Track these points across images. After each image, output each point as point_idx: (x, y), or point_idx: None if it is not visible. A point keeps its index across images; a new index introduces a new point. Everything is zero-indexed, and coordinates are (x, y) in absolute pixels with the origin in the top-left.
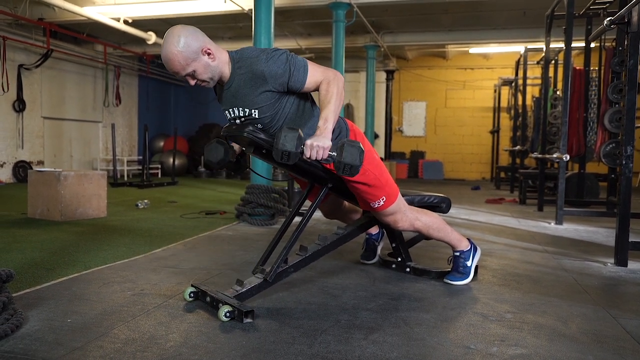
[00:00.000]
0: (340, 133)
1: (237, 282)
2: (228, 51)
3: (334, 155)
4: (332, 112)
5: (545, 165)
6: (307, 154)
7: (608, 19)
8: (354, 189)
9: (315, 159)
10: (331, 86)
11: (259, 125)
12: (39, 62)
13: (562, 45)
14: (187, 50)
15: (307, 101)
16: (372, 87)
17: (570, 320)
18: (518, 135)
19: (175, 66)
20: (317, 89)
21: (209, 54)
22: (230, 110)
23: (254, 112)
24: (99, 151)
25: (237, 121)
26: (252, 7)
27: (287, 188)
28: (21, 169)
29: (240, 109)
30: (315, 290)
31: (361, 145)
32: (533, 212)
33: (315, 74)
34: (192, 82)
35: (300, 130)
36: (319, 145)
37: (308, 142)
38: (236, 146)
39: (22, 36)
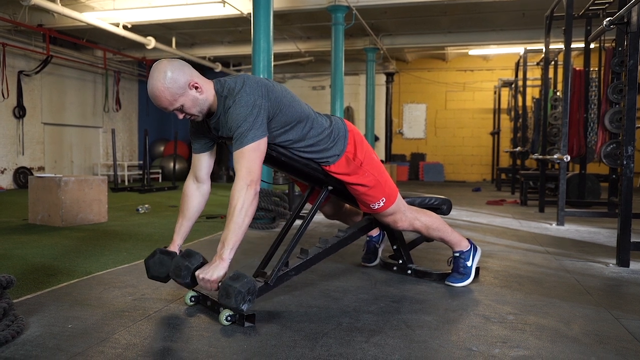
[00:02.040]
0: (337, 136)
1: None
2: (213, 81)
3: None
4: (232, 234)
5: (546, 166)
6: (198, 283)
7: (607, 19)
8: (354, 190)
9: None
10: (237, 197)
11: None
12: (38, 68)
13: (561, 46)
14: (174, 86)
15: (302, 122)
16: (372, 90)
17: (573, 322)
18: (518, 137)
19: (163, 102)
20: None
21: (196, 87)
22: (222, 135)
23: None
24: (100, 156)
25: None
26: (251, 11)
27: (287, 191)
28: (22, 175)
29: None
30: (317, 293)
31: (245, 285)
32: (534, 213)
33: (241, 161)
34: (181, 116)
35: (190, 259)
36: (206, 278)
37: (197, 272)
38: (177, 244)
39: (22, 42)
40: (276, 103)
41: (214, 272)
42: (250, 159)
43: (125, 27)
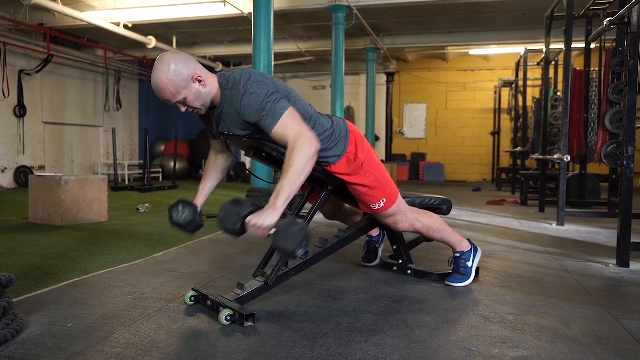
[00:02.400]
0: (339, 136)
1: (237, 285)
2: (217, 74)
3: (272, 235)
4: (288, 186)
5: (546, 166)
6: (248, 231)
7: (608, 19)
8: (354, 191)
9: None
10: (295, 154)
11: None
12: (39, 68)
13: (562, 46)
14: (178, 79)
15: (308, 120)
16: (372, 90)
17: (572, 322)
18: (519, 137)
19: (166, 94)
20: (283, 146)
21: (199, 81)
22: (226, 131)
23: (247, 134)
24: (100, 156)
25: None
26: (252, 10)
27: None
28: (22, 174)
29: (231, 132)
30: (316, 293)
31: (302, 231)
32: (534, 214)
33: (286, 129)
34: (184, 109)
35: (246, 203)
36: (257, 225)
37: (248, 219)
38: (200, 201)
39: (23, 42)
40: (285, 91)
41: (266, 219)
42: (293, 123)
43: (126, 27)
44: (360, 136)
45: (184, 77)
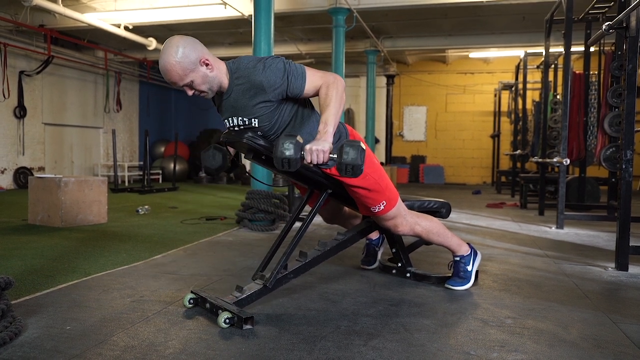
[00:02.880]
0: (340, 138)
1: (236, 288)
2: (226, 62)
3: (334, 157)
4: (332, 115)
5: (545, 169)
6: (308, 159)
7: (606, 23)
8: (354, 193)
9: (317, 163)
10: (330, 90)
11: (259, 132)
12: (39, 69)
13: (561, 49)
14: (185, 61)
15: (306, 107)
16: (372, 92)
17: (571, 326)
18: (518, 140)
19: (173, 76)
20: (317, 94)
21: (207, 64)
22: (230, 119)
23: (254, 120)
24: (100, 157)
25: (237, 128)
26: (252, 12)
27: (287, 193)
28: (22, 175)
29: (240, 118)
30: (315, 296)
31: (362, 144)
32: (534, 217)
33: (314, 79)
34: (190, 93)
35: (299, 136)
36: (319, 149)
37: (307, 146)
38: (231, 149)
39: (23, 43)
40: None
41: (324, 144)
42: (316, 73)
43: (126, 28)
44: (360, 139)
45: (192, 59)
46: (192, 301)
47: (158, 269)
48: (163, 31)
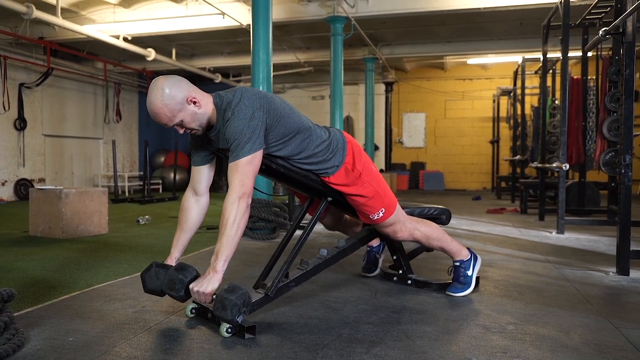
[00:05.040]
0: (336, 147)
1: None
2: (212, 95)
3: (213, 299)
4: (225, 246)
5: (545, 174)
6: (192, 296)
7: (603, 29)
8: (353, 201)
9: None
10: (229, 209)
11: None
12: (39, 81)
13: (559, 54)
14: (172, 102)
15: (301, 133)
16: (371, 99)
17: (573, 331)
18: (518, 145)
19: (162, 119)
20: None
21: (194, 102)
22: (223, 147)
23: None
24: (100, 167)
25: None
26: (251, 22)
27: (287, 202)
28: (22, 187)
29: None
30: (317, 304)
31: (241, 297)
32: (534, 222)
33: (235, 173)
34: (181, 131)
35: (185, 272)
36: (200, 291)
37: (191, 285)
38: (174, 256)
39: (23, 55)
40: (274, 114)
41: (208, 284)
42: (243, 172)
43: (125, 39)
44: (358, 146)
45: (179, 99)
46: (194, 311)
47: None
48: (162, 41)
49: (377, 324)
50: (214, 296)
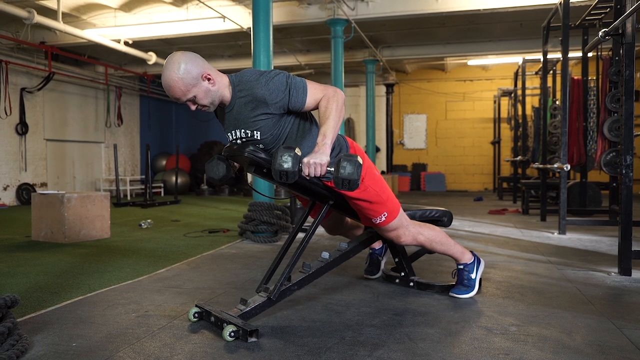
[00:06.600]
0: (340, 151)
1: (241, 301)
2: (228, 75)
3: (332, 170)
4: (331, 128)
5: (547, 175)
6: (306, 171)
7: (602, 30)
8: (356, 205)
9: (314, 176)
10: (330, 103)
11: (261, 145)
12: (41, 85)
13: (559, 55)
14: (188, 77)
15: (307, 120)
16: (372, 101)
17: (575, 332)
18: (519, 146)
19: (176, 92)
20: (317, 107)
21: (209, 79)
22: (233, 132)
23: (256, 133)
24: (102, 171)
25: (239, 141)
26: (251, 25)
27: (289, 205)
28: (24, 192)
29: (242, 130)
30: (319, 307)
31: (359, 159)
32: (536, 222)
33: (314, 92)
34: (193, 107)
35: (297, 149)
36: (316, 162)
37: (305, 159)
38: (236, 163)
39: (24, 60)
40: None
41: (322, 157)
42: (317, 87)
43: (126, 43)
44: (360, 151)
45: (194, 75)
46: (196, 315)
47: (162, 283)
48: (163, 45)
49: (379, 327)
50: (329, 168)
